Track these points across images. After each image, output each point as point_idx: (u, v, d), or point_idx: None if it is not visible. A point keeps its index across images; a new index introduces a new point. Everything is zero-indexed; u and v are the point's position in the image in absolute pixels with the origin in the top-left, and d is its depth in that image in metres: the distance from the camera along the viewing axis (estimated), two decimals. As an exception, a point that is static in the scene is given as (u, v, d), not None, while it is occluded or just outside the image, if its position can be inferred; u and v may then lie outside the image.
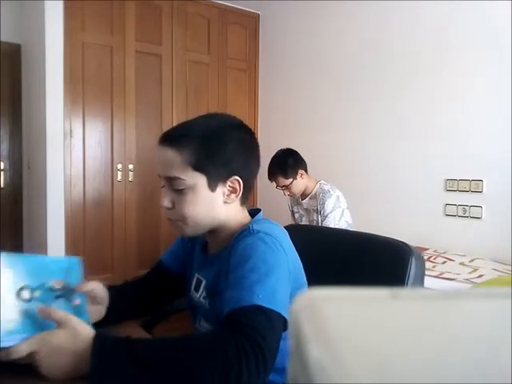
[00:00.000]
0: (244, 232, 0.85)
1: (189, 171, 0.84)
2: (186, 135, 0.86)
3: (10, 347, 0.71)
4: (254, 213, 0.98)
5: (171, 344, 0.72)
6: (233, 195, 0.89)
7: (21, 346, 0.71)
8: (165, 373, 0.68)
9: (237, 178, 0.88)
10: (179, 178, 0.84)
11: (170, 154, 0.85)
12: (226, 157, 0.87)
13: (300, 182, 2.35)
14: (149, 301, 1.10)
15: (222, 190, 0.88)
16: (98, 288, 0.94)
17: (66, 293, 0.86)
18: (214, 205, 0.88)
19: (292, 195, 2.42)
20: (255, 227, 0.84)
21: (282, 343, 0.75)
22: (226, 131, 0.89)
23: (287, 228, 0.95)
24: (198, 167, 0.85)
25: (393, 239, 1.09)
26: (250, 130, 0.95)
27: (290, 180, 2.31)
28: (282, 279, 0.79)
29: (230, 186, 0.89)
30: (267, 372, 0.69)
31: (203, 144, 0.85)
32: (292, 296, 0.82)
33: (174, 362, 0.69)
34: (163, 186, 0.89)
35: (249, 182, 0.92)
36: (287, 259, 0.82)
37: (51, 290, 0.84)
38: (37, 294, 0.81)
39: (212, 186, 0.87)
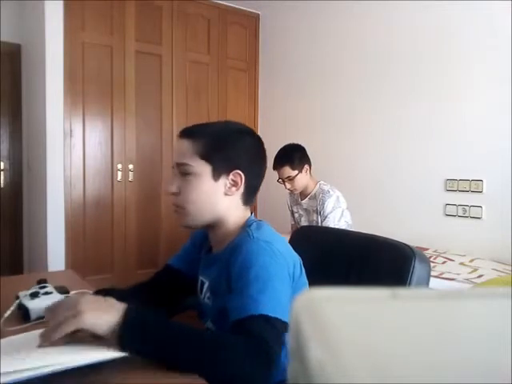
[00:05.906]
0: (244, 235, 0.91)
1: (197, 159, 0.93)
2: (200, 131, 0.97)
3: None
4: None
5: (196, 331, 0.78)
6: (233, 188, 0.96)
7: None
8: (187, 351, 0.73)
9: (239, 172, 0.95)
10: (187, 164, 0.93)
11: (185, 144, 0.95)
12: (232, 153, 0.96)
13: (304, 178, 2.35)
14: (158, 301, 1.10)
15: (224, 181, 0.95)
16: None
17: None
18: (216, 194, 0.95)
19: (292, 189, 2.40)
20: (255, 234, 0.90)
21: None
22: (237, 134, 0.99)
23: (299, 229, 0.98)
24: (205, 157, 0.93)
25: (396, 241, 1.08)
26: (259, 138, 1.03)
27: (296, 172, 2.32)
28: (283, 286, 0.84)
29: (232, 179, 0.95)
30: (271, 372, 0.75)
31: (214, 139, 0.95)
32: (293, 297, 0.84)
33: (198, 347, 0.74)
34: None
35: (252, 183, 0.99)
36: (287, 264, 0.89)
37: None
38: None
39: (215, 176, 0.94)
